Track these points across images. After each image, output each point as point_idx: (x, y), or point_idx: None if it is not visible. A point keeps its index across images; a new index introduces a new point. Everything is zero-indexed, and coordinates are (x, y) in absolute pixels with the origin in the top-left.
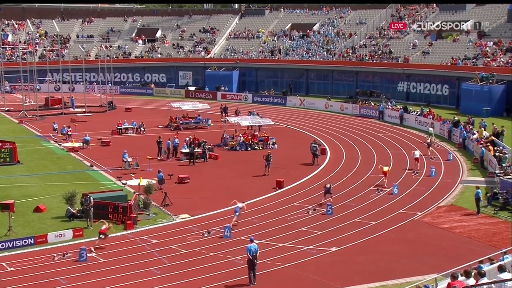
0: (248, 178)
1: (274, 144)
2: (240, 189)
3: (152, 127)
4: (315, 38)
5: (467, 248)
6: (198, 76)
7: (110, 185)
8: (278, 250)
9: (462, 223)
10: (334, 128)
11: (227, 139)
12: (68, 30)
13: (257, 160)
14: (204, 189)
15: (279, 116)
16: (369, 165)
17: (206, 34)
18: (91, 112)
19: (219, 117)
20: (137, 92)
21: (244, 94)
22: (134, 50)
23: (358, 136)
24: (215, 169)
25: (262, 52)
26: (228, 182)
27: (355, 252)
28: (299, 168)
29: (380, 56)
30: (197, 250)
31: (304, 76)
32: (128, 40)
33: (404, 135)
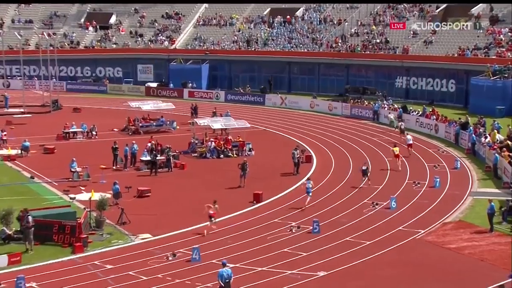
0: (221, 190)
1: (251, 151)
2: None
3: (106, 131)
4: (298, 26)
5: (478, 273)
6: (161, 70)
7: (55, 200)
8: (255, 276)
9: (472, 243)
10: (321, 131)
11: (196, 145)
12: (0, 14)
13: (231, 169)
14: (168, 204)
15: (256, 117)
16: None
17: (170, 21)
18: (31, 113)
19: (187, 118)
20: (88, 89)
21: (215, 92)
22: (83, 39)
23: (350, 141)
24: (182, 180)
25: (236, 42)
26: (196, 195)
27: (347, 278)
28: (280, 179)
29: (375, 47)
30: (161, 277)
31: (285, 71)
32: (76, 27)
33: (404, 139)
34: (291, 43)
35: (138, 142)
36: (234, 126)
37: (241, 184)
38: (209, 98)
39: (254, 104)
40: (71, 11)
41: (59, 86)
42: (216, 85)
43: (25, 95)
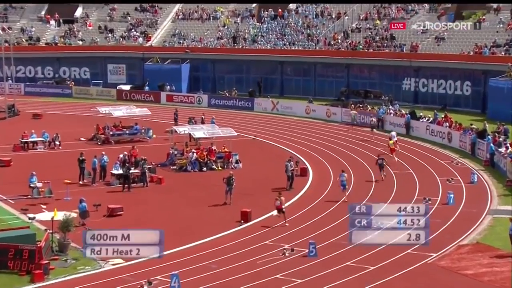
0: (204, 207)
1: (238, 163)
2: (192, 223)
3: (71, 141)
4: (291, 20)
5: None
6: (135, 71)
7: (11, 221)
8: None
9: (492, 269)
10: (318, 140)
11: (175, 156)
12: None
13: (215, 184)
14: (143, 224)
15: (244, 124)
16: (366, 190)
17: (145, 14)
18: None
19: (165, 126)
20: (50, 93)
21: (197, 96)
22: (44, 34)
23: (351, 151)
24: (159, 197)
25: (220, 39)
26: (176, 214)
27: None
28: (272, 194)
29: (379, 44)
30: None
31: (277, 71)
32: (36, 20)
33: (412, 149)
34: (284, 40)
35: (108, 153)
36: (219, 134)
37: (227, 201)
38: (190, 102)
39: (241, 110)
40: (29, 3)
41: (16, 88)
42: (198, 88)
43: None
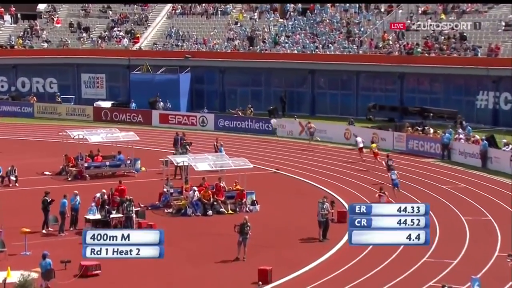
0: (209, 265)
1: (255, 204)
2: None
3: (32, 175)
4: (326, 15)
5: None
6: (118, 82)
7: None
8: None
9: None
10: (361, 175)
11: (171, 196)
12: None
13: (224, 232)
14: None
15: (262, 153)
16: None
17: (131, 8)
18: None
19: (157, 155)
20: (4, 111)
21: (200, 115)
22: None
23: (406, 190)
24: None
25: (232, 40)
26: (172, 274)
27: None
28: (299, 247)
29: (444, 46)
30: None
31: (307, 83)
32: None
33: (491, 188)
34: (316, 42)
35: (82, 192)
36: (229, 166)
37: (240, 256)
38: (191, 124)
39: (259, 134)
40: None
41: None
42: (201, 105)
43: None
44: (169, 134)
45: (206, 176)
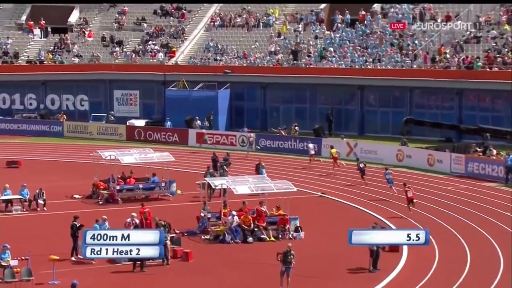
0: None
1: (299, 231)
2: None
3: (61, 199)
4: (376, 26)
5: None
6: (152, 99)
7: None
8: None
9: None
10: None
11: (208, 221)
12: None
13: (265, 261)
14: None
15: (307, 175)
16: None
17: (167, 20)
18: None
19: (195, 177)
20: (32, 131)
21: (240, 135)
22: (25, 49)
23: (464, 217)
24: (184, 280)
25: (275, 54)
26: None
27: None
28: (347, 278)
29: (509, 59)
30: None
31: (355, 100)
32: (13, 29)
33: None
34: (365, 56)
35: (114, 217)
36: (271, 190)
37: (283, 287)
38: (230, 144)
39: (303, 154)
40: (4, 4)
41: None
42: (241, 123)
43: None
44: (206, 155)
45: (246, 200)
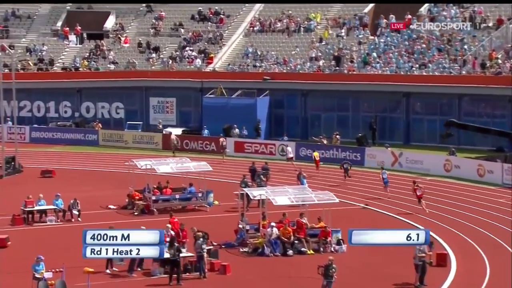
0: None
1: (341, 244)
2: None
3: (96, 209)
4: (423, 31)
5: None
6: (189, 107)
7: None
8: None
9: None
10: (464, 212)
11: (246, 233)
12: None
13: (306, 275)
14: None
15: (350, 186)
16: None
17: (205, 25)
18: None
19: (233, 188)
20: (67, 139)
21: (279, 144)
22: (60, 55)
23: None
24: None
25: (316, 60)
26: None
27: None
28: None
29: None
30: None
31: (401, 107)
32: (49, 35)
33: None
34: (411, 61)
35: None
36: (311, 201)
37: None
38: (270, 153)
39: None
40: (40, 10)
41: (18, 133)
42: (281, 132)
43: None
44: (244, 164)
45: (286, 211)
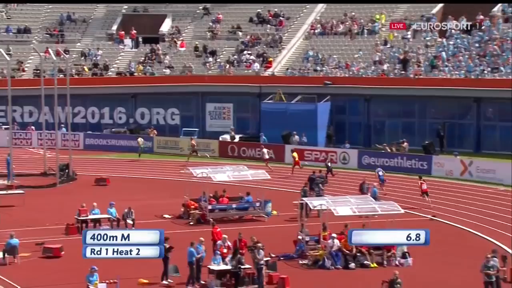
0: None
1: (406, 257)
2: None
3: (150, 218)
4: (497, 32)
5: None
6: (247, 113)
7: None
8: None
9: None
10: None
11: (306, 245)
12: None
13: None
14: None
15: (416, 196)
16: None
17: (265, 27)
18: (24, 188)
19: (293, 197)
20: (121, 146)
21: (341, 151)
22: (115, 60)
23: None
24: None
25: (380, 64)
26: None
27: None
28: None
29: None
30: None
31: (471, 113)
32: (104, 39)
33: None
34: (483, 65)
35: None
36: (375, 211)
37: None
38: (330, 161)
39: (412, 173)
40: (95, 13)
41: (72, 140)
42: (342, 138)
43: (14, 157)
44: (304, 173)
45: (347, 222)
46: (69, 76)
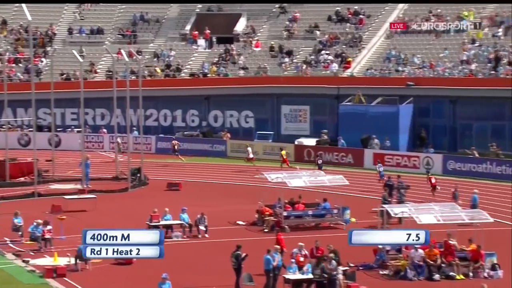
0: None
1: (496, 269)
2: None
3: (223, 225)
4: None
5: None
6: (324, 115)
7: None
8: None
9: None
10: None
11: (387, 254)
12: (50, 19)
13: None
14: None
15: (507, 204)
16: None
17: (344, 26)
18: (96, 192)
19: (371, 204)
20: (194, 150)
21: (424, 156)
22: (188, 61)
23: None
24: None
25: (468, 63)
26: None
27: None
28: None
29: None
30: None
31: None
32: (177, 39)
33: None
34: None
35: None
36: (461, 220)
37: None
38: (413, 167)
39: (502, 180)
40: (168, 13)
41: (144, 144)
42: (426, 142)
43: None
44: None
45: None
46: (141, 77)
